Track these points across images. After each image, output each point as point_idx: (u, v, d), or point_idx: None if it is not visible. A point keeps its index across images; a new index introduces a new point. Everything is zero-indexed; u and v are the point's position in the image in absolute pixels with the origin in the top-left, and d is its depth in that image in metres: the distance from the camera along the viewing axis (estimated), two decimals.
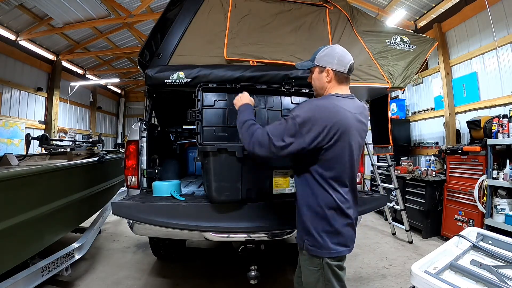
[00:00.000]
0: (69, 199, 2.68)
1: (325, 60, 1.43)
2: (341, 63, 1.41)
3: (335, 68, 1.41)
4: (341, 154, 1.32)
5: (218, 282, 2.85)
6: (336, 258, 1.35)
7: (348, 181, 1.37)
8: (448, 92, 4.89)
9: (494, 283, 1.20)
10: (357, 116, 1.37)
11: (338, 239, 1.33)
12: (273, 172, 1.92)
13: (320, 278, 1.35)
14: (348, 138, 1.32)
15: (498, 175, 3.35)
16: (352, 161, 1.37)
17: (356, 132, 1.36)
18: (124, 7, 6.13)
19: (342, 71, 1.41)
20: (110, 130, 11.94)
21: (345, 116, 1.31)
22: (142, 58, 2.34)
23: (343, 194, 1.34)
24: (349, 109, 1.35)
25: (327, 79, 1.43)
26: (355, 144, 1.36)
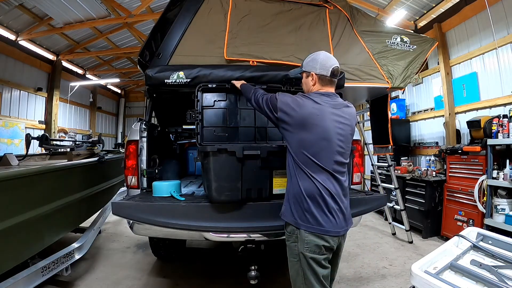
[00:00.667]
0: (69, 199, 2.68)
1: (310, 65, 1.57)
2: (324, 67, 1.53)
3: (318, 72, 1.53)
4: (312, 142, 1.43)
5: (218, 282, 2.86)
6: (310, 249, 1.39)
7: (326, 168, 1.43)
8: (448, 92, 4.89)
9: (494, 283, 1.19)
10: (333, 110, 1.48)
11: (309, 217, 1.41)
12: (273, 172, 1.92)
13: (299, 271, 1.42)
14: (320, 127, 1.43)
15: (498, 175, 3.35)
16: (329, 148, 1.45)
17: (331, 123, 1.45)
18: (124, 7, 6.13)
19: (325, 74, 1.53)
20: (110, 130, 11.93)
21: (316, 107, 1.45)
22: (142, 58, 2.34)
23: (319, 180, 1.41)
24: (323, 102, 1.47)
25: (312, 82, 1.57)
26: (330, 134, 1.45)
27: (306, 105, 1.45)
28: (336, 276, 1.70)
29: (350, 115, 1.56)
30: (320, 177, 1.41)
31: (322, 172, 1.42)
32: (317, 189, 1.40)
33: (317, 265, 1.39)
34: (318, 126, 1.43)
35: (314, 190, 1.40)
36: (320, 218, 1.39)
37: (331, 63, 1.53)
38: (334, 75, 1.55)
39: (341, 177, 1.48)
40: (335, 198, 1.43)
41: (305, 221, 1.41)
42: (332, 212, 1.41)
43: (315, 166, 1.42)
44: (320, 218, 1.39)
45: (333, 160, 1.45)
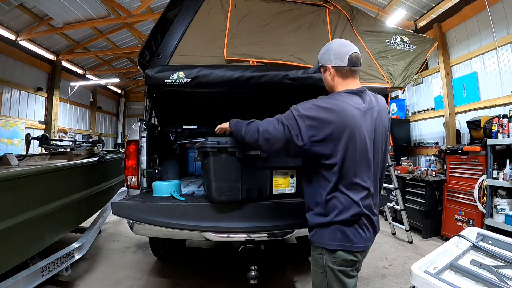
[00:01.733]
0: (69, 199, 2.68)
1: (324, 58, 1.36)
2: (339, 56, 1.31)
3: (334, 63, 1.32)
4: (341, 150, 1.22)
5: (218, 282, 2.85)
6: (337, 262, 1.25)
7: (359, 178, 1.25)
8: (448, 92, 4.89)
9: (494, 283, 1.19)
10: (362, 110, 1.27)
11: (336, 235, 1.25)
12: (273, 172, 1.92)
13: (324, 281, 1.29)
14: (351, 134, 1.22)
15: (498, 175, 3.34)
16: (362, 156, 1.25)
17: (362, 126, 1.25)
18: (124, 7, 6.13)
19: (342, 65, 1.31)
20: (110, 130, 11.94)
21: (346, 111, 1.23)
22: (142, 58, 2.34)
23: (346, 190, 1.24)
24: (357, 106, 1.27)
25: (330, 77, 1.35)
26: (362, 139, 1.24)
27: (341, 109, 1.22)
28: None
29: (383, 112, 1.37)
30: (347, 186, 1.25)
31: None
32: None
33: (345, 276, 1.27)
34: (357, 137, 1.22)
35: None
36: (350, 235, 1.24)
37: (346, 50, 1.31)
38: (354, 63, 1.31)
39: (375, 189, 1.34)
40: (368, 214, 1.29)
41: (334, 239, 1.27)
42: (363, 227, 1.27)
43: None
44: (350, 234, 1.24)
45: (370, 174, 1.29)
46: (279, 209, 1.90)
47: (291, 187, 1.96)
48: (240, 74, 2.17)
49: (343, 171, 1.23)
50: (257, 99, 2.94)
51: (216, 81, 2.17)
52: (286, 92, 2.56)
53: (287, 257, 3.45)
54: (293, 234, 2.01)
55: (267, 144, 1.32)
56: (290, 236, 2.04)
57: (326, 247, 1.27)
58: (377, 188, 1.37)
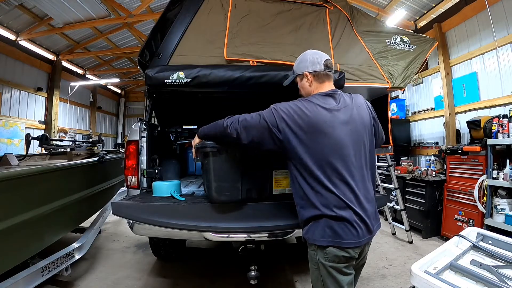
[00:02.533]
0: (69, 199, 2.68)
1: (301, 66, 1.49)
2: (315, 63, 1.45)
3: (311, 69, 1.45)
4: (317, 150, 1.30)
5: (218, 282, 2.86)
6: (328, 259, 1.29)
7: (340, 176, 1.30)
8: (448, 92, 4.89)
9: (494, 283, 1.19)
10: (334, 109, 1.36)
11: (325, 231, 1.29)
12: (273, 172, 1.92)
13: (319, 278, 1.34)
14: (320, 131, 1.30)
15: (498, 175, 3.34)
16: (335, 153, 1.31)
17: (333, 126, 1.32)
18: (124, 7, 6.13)
19: (319, 70, 1.44)
20: (110, 130, 11.94)
21: (318, 111, 1.34)
22: (142, 58, 2.34)
23: (330, 188, 1.29)
24: (328, 106, 1.36)
25: (308, 83, 1.47)
26: (334, 136, 1.31)
27: (313, 109, 1.33)
28: None
29: (361, 109, 1.44)
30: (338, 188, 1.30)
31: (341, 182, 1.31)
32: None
33: (338, 272, 1.30)
34: (329, 133, 1.30)
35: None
36: (339, 231, 1.27)
37: (321, 57, 1.46)
38: (329, 67, 1.46)
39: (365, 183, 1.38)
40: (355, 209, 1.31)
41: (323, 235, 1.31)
42: (353, 223, 1.28)
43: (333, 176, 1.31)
44: (339, 230, 1.27)
45: (352, 168, 1.33)
46: (279, 209, 1.90)
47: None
48: (240, 74, 2.17)
49: (316, 166, 1.30)
50: (257, 99, 2.94)
51: (216, 81, 2.17)
52: (286, 92, 2.56)
53: (287, 257, 3.45)
54: (293, 234, 2.01)
55: (245, 133, 1.42)
56: (290, 236, 2.04)
57: (317, 243, 1.31)
58: (365, 182, 1.38)
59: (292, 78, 1.56)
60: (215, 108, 3.13)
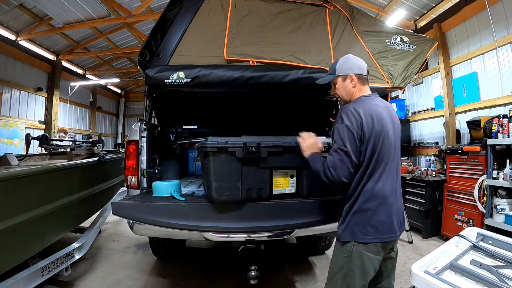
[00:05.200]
0: (69, 199, 2.68)
1: (345, 68, 1.56)
2: (360, 67, 1.56)
3: (357, 72, 1.54)
4: (375, 146, 1.41)
5: (218, 282, 2.85)
6: (368, 248, 1.38)
7: (387, 169, 1.44)
8: (448, 92, 4.89)
9: (494, 283, 1.19)
10: (387, 109, 1.53)
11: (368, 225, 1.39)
12: (273, 172, 1.92)
13: (344, 267, 1.40)
14: (385, 130, 1.44)
15: (498, 175, 3.34)
16: (390, 152, 1.46)
17: (390, 123, 1.49)
18: (124, 7, 6.13)
19: (363, 73, 1.56)
20: (110, 130, 11.94)
21: (380, 111, 1.46)
22: (142, 58, 2.34)
23: (377, 182, 1.41)
24: (381, 104, 1.52)
25: (352, 85, 1.55)
26: (392, 136, 1.49)
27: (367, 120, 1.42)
28: None
29: (393, 110, 1.62)
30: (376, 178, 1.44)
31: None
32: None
33: (370, 262, 1.39)
34: (383, 135, 1.43)
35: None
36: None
37: (363, 62, 1.59)
38: (367, 73, 1.59)
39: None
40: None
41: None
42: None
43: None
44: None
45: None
46: (279, 209, 1.90)
47: (291, 187, 1.96)
48: (240, 74, 2.17)
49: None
50: (257, 99, 2.94)
51: (216, 81, 2.17)
52: (286, 92, 2.56)
53: (287, 257, 3.45)
54: (293, 234, 2.01)
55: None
56: (290, 236, 2.04)
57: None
58: (399, 177, 1.59)
59: (333, 77, 1.60)
60: (215, 108, 3.14)
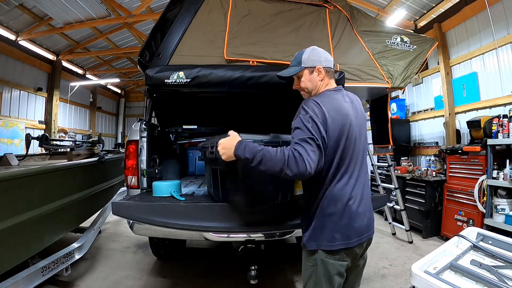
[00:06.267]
0: (69, 199, 2.68)
1: (312, 59, 1.44)
2: (327, 59, 1.46)
3: (325, 65, 1.43)
4: (339, 144, 1.28)
5: (218, 282, 2.85)
6: (331, 255, 1.28)
7: (352, 168, 1.33)
8: (448, 92, 4.89)
9: (494, 283, 1.19)
10: (350, 105, 1.40)
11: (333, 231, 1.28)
12: None
13: (312, 275, 1.31)
14: (349, 127, 1.32)
15: (498, 175, 3.34)
16: (353, 150, 1.33)
17: (354, 120, 1.36)
18: (124, 7, 6.13)
19: (330, 66, 1.46)
20: (110, 130, 11.93)
21: (344, 106, 1.35)
22: (142, 58, 2.34)
23: (341, 182, 1.30)
24: (346, 98, 1.41)
25: (320, 78, 1.43)
26: (356, 133, 1.35)
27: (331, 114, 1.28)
28: None
29: (360, 104, 1.49)
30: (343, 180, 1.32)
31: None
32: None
33: (335, 271, 1.29)
34: (347, 131, 1.31)
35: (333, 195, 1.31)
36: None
37: (330, 55, 1.50)
38: (334, 66, 1.50)
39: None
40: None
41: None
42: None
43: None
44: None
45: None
46: (280, 209, 1.89)
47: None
48: (240, 74, 2.17)
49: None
50: (257, 99, 2.94)
51: (216, 81, 2.17)
52: (286, 92, 2.56)
53: (287, 257, 3.45)
54: (293, 234, 2.01)
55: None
56: (290, 236, 2.04)
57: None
58: (367, 176, 1.46)
59: (299, 69, 1.45)
60: (215, 108, 3.14)
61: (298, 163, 1.15)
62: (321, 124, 1.23)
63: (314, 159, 1.18)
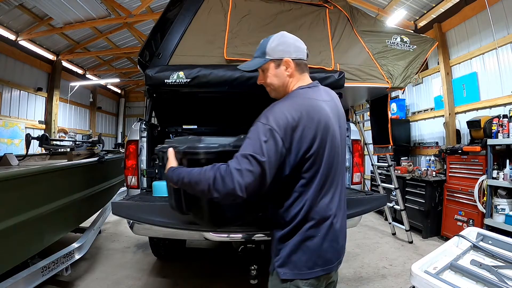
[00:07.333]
0: (69, 199, 2.68)
1: (280, 50, 1.15)
2: (299, 49, 1.17)
3: (294, 56, 1.15)
4: (321, 153, 1.06)
5: (218, 282, 2.85)
6: (309, 282, 1.07)
7: (335, 182, 1.13)
8: (448, 92, 4.89)
9: (494, 283, 1.19)
10: (330, 103, 1.17)
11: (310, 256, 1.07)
12: None
13: None
14: (331, 133, 1.10)
15: (498, 175, 3.35)
16: (338, 159, 1.13)
17: (336, 122, 1.15)
18: (124, 7, 6.13)
19: (302, 58, 1.17)
20: (110, 130, 11.94)
21: (322, 107, 1.11)
22: (142, 58, 2.34)
23: (328, 200, 1.10)
24: (324, 97, 1.17)
25: (288, 72, 1.16)
26: (338, 139, 1.15)
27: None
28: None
29: (340, 104, 1.27)
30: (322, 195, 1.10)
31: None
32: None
33: None
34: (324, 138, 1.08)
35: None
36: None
37: (302, 43, 1.20)
38: (308, 57, 1.22)
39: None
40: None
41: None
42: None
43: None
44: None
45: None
46: None
47: None
48: (240, 74, 2.17)
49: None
50: (257, 99, 2.93)
51: (216, 81, 2.16)
52: None
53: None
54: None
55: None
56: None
57: None
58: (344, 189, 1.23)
59: (263, 62, 1.18)
60: (215, 108, 3.13)
61: (225, 183, 0.94)
62: (281, 140, 0.98)
63: (248, 181, 0.94)
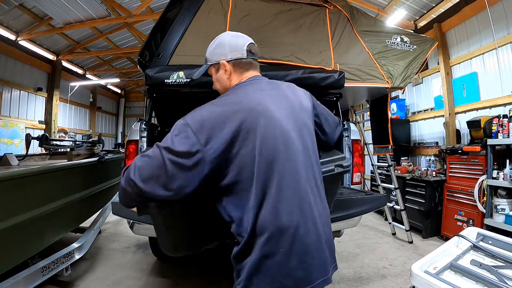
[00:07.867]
0: (69, 199, 2.68)
1: (216, 53, 1.13)
2: (235, 48, 1.11)
3: (230, 57, 1.10)
4: (251, 148, 0.94)
5: (218, 282, 2.85)
6: None
7: (288, 182, 0.96)
8: (448, 92, 4.89)
9: (494, 283, 1.19)
10: (272, 92, 1.07)
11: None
12: None
13: None
14: (273, 127, 0.98)
15: (498, 175, 3.35)
16: (285, 151, 0.98)
17: (277, 110, 1.02)
18: (124, 7, 6.13)
19: (240, 57, 1.10)
20: (110, 130, 11.94)
21: (262, 99, 1.02)
22: (142, 58, 2.34)
23: (280, 205, 0.95)
24: (266, 88, 1.09)
25: (227, 75, 1.12)
26: (285, 129, 1.00)
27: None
28: (336, 276, 1.69)
29: (299, 95, 1.16)
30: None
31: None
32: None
33: None
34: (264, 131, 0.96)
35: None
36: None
37: (243, 40, 1.13)
38: (253, 53, 1.13)
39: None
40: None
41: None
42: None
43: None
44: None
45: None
46: None
47: None
48: None
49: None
50: None
51: None
52: None
53: None
54: None
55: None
56: None
57: None
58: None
59: (205, 68, 1.17)
60: None
61: (127, 170, 0.90)
62: (193, 133, 0.91)
63: (141, 164, 0.89)
